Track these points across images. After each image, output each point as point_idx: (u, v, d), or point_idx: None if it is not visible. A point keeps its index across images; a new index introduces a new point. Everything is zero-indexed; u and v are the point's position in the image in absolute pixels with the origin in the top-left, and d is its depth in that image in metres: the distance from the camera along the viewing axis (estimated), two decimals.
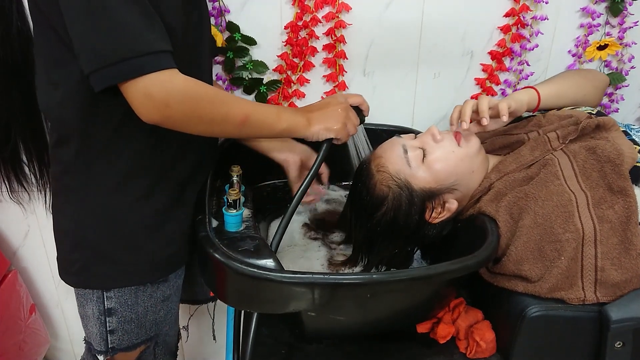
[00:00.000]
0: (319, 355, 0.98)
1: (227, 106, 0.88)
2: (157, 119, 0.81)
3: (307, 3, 1.23)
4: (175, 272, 1.03)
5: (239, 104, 0.90)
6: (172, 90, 0.80)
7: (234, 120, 0.88)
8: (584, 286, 0.89)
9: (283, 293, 0.85)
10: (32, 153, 1.31)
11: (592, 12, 1.28)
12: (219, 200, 1.00)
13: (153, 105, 0.80)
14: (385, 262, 1.06)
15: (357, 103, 1.05)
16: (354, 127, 1.01)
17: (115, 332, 1.00)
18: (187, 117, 0.83)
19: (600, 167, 0.98)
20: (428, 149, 1.01)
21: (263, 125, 0.92)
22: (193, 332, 1.64)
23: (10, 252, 1.51)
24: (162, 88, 0.79)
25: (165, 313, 1.04)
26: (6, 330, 1.40)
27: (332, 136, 0.98)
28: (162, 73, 0.79)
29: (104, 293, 0.97)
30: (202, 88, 0.85)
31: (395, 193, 1.00)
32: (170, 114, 0.81)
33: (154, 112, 0.80)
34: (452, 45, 1.31)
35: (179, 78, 0.81)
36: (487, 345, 0.95)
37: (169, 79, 0.80)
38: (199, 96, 0.84)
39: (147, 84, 0.78)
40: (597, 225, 0.92)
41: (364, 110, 1.06)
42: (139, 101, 0.80)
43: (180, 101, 0.81)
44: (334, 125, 0.97)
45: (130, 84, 0.78)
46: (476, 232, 0.97)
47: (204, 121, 0.86)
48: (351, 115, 1.01)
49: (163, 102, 0.80)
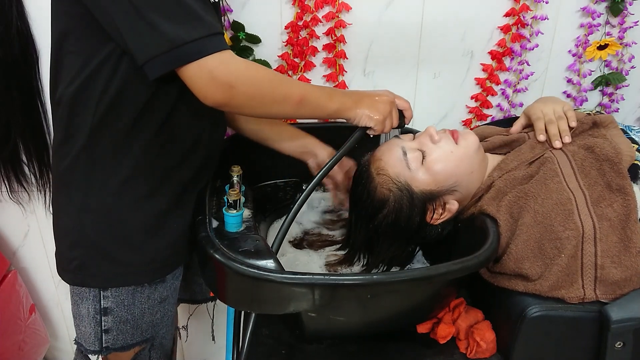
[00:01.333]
0: (319, 355, 0.98)
1: (285, 86, 0.90)
2: (221, 100, 0.83)
3: (307, 3, 1.22)
4: (173, 272, 1.02)
5: (296, 84, 0.93)
6: (235, 70, 0.82)
7: (292, 100, 0.89)
8: (583, 284, 0.90)
9: (283, 294, 0.85)
10: (32, 153, 1.31)
11: (592, 12, 1.28)
12: (219, 201, 1.00)
13: (218, 86, 0.81)
14: (386, 263, 1.06)
15: (402, 107, 1.03)
16: (390, 125, 1.01)
17: (110, 331, 0.99)
18: (250, 97, 0.85)
19: (599, 166, 0.98)
20: (427, 151, 1.01)
21: (317, 105, 0.93)
22: (193, 332, 1.64)
23: (10, 252, 1.50)
24: (226, 69, 0.81)
25: (162, 315, 1.04)
26: (6, 330, 1.40)
27: (372, 125, 0.98)
28: (223, 53, 0.81)
29: (100, 292, 0.97)
30: (261, 69, 0.88)
31: (396, 196, 1.00)
32: (234, 94, 0.83)
33: (218, 93, 0.81)
34: (452, 45, 1.31)
35: (239, 59, 0.83)
36: (487, 345, 0.95)
37: (230, 59, 0.82)
38: (260, 76, 0.86)
39: (211, 65, 0.79)
40: (596, 223, 0.92)
41: (407, 117, 1.05)
42: (203, 82, 0.80)
43: (243, 82, 0.83)
44: (376, 115, 0.97)
45: (192, 66, 0.79)
46: (477, 232, 0.97)
47: (265, 101, 0.87)
48: (394, 113, 1.01)
49: (228, 82, 0.81)
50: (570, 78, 1.37)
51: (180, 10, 0.78)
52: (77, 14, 0.83)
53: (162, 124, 0.91)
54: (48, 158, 1.33)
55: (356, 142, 1.00)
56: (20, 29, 1.18)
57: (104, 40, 0.83)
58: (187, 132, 0.95)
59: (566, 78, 1.38)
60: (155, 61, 0.78)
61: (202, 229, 0.93)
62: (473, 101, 1.39)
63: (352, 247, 1.08)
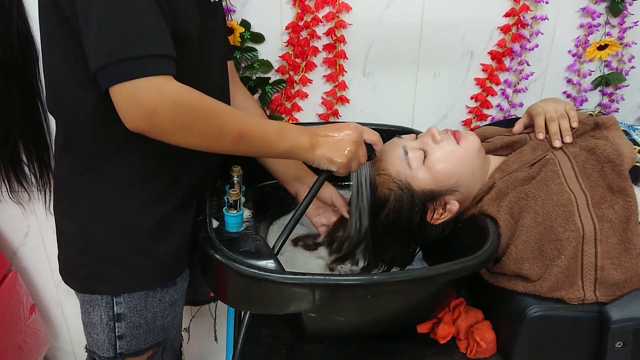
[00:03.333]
0: (320, 355, 0.98)
1: (222, 119, 0.82)
2: (141, 126, 0.76)
3: (308, 3, 1.22)
4: (181, 274, 1.02)
5: (237, 118, 0.84)
6: (164, 96, 0.75)
7: (228, 135, 0.82)
8: (583, 285, 0.90)
9: (284, 294, 0.85)
10: (32, 153, 1.31)
11: (592, 12, 1.28)
12: (220, 201, 1.00)
13: (139, 110, 0.75)
14: (386, 262, 1.06)
15: (371, 141, 0.96)
16: (357, 165, 0.94)
17: (123, 337, 0.98)
18: (177, 127, 0.78)
19: (600, 167, 0.98)
20: (428, 150, 1.01)
21: (261, 143, 0.86)
22: (194, 332, 1.64)
23: (10, 252, 1.50)
24: (152, 93, 0.74)
25: (173, 317, 1.03)
26: (6, 330, 1.40)
27: (334, 169, 0.92)
28: (156, 78, 0.74)
29: (113, 298, 0.95)
30: (197, 97, 0.79)
31: (396, 195, 1.00)
32: (158, 122, 0.76)
33: (139, 118, 0.75)
34: (452, 45, 1.31)
35: (173, 84, 0.76)
36: (487, 345, 0.96)
37: (163, 84, 0.75)
38: (191, 106, 0.78)
39: (137, 88, 0.73)
40: (597, 225, 0.92)
41: (377, 150, 0.97)
42: (123, 104, 0.75)
43: (170, 109, 0.75)
44: (338, 158, 0.90)
45: (119, 85, 0.73)
46: (477, 233, 0.97)
47: (194, 133, 0.80)
48: (360, 152, 0.93)
49: (151, 108, 0.74)
50: (570, 78, 1.37)
51: (128, 24, 0.73)
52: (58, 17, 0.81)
53: None
54: (48, 158, 1.33)
55: (320, 185, 0.96)
56: (20, 29, 1.18)
57: None
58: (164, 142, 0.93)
59: (566, 78, 1.38)
60: (100, 74, 0.74)
61: (203, 229, 0.93)
62: (473, 101, 1.39)
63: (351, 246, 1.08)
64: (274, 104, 1.34)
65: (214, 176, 1.04)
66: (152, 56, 0.74)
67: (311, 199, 0.97)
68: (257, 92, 1.32)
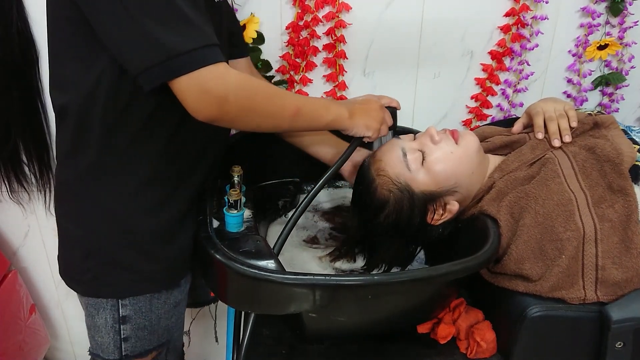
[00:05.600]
0: (320, 355, 0.98)
1: (281, 99, 0.87)
2: (215, 115, 0.78)
3: (308, 3, 1.22)
4: (185, 276, 1.02)
5: (290, 96, 0.91)
6: (229, 83, 0.78)
7: (287, 113, 0.86)
8: (584, 285, 0.90)
9: (284, 294, 0.85)
10: (32, 153, 1.31)
11: (592, 12, 1.28)
12: (220, 201, 1.00)
13: (211, 100, 0.77)
14: (387, 263, 1.06)
15: (388, 103, 1.05)
16: (387, 128, 1.02)
17: (129, 339, 0.98)
18: (245, 111, 0.82)
19: (600, 167, 0.98)
20: (427, 151, 1.01)
21: (313, 117, 0.91)
22: (193, 333, 1.64)
23: (10, 252, 1.50)
24: (220, 82, 0.77)
25: (176, 319, 1.04)
26: (6, 330, 1.40)
27: (369, 134, 0.99)
28: (218, 66, 0.76)
29: (118, 301, 0.95)
30: (256, 81, 0.84)
31: (396, 197, 1.00)
32: (229, 108, 0.79)
33: (211, 107, 0.77)
34: (452, 45, 1.31)
35: (233, 71, 0.79)
36: (487, 345, 0.96)
37: (224, 72, 0.77)
38: (255, 89, 0.82)
39: (204, 78, 0.75)
40: (597, 224, 0.92)
41: (395, 106, 1.07)
42: (194, 96, 0.76)
43: (238, 95, 0.79)
44: (372, 123, 0.98)
45: (184, 79, 0.75)
46: (477, 233, 0.97)
47: (261, 115, 0.84)
48: (387, 117, 1.02)
49: (221, 96, 0.77)
50: (570, 78, 1.37)
51: (176, 19, 0.74)
52: (75, 20, 0.80)
53: (174, 132, 0.89)
54: (48, 158, 1.32)
55: (353, 150, 1.01)
56: (20, 29, 1.18)
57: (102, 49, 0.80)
58: (197, 137, 0.93)
59: (566, 78, 1.38)
60: (149, 72, 0.75)
61: (203, 229, 0.93)
62: (473, 101, 1.39)
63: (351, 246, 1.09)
64: None
65: (214, 176, 1.04)
66: (208, 46, 0.76)
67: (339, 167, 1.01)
68: None
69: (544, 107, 1.08)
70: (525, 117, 1.13)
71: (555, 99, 1.13)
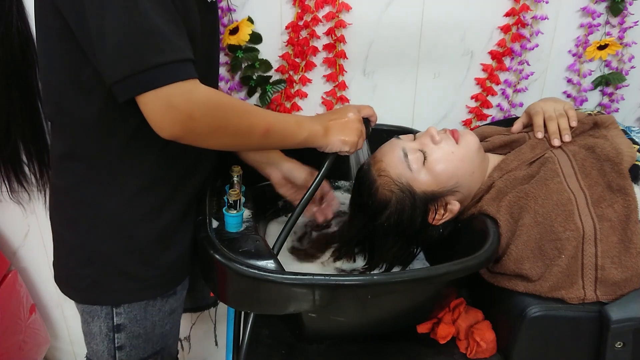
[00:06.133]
0: (320, 355, 0.98)
1: (250, 116, 0.84)
2: (177, 132, 0.76)
3: (308, 3, 1.22)
4: (182, 283, 1.01)
5: (261, 114, 0.86)
6: (196, 100, 0.75)
7: (257, 131, 0.84)
8: (584, 285, 0.90)
9: (284, 294, 0.85)
10: (32, 153, 1.31)
11: (592, 12, 1.28)
12: (220, 201, 1.00)
13: (175, 116, 0.74)
14: (388, 262, 1.06)
15: (367, 114, 1.02)
16: (362, 141, 0.99)
17: (123, 348, 0.98)
18: (212, 129, 0.79)
19: (600, 166, 0.98)
20: (428, 151, 1.01)
21: (285, 135, 0.89)
22: (195, 337, 1.64)
23: (10, 252, 1.50)
24: (186, 98, 0.74)
25: (171, 326, 1.03)
26: (6, 330, 1.40)
27: (346, 149, 0.95)
28: (187, 82, 0.74)
29: (113, 309, 0.94)
30: (226, 98, 0.81)
31: (398, 197, 0.99)
32: (194, 126, 0.76)
33: (175, 124, 0.75)
34: (452, 45, 1.31)
35: (202, 87, 0.77)
36: (487, 345, 0.96)
37: (192, 88, 0.75)
38: (222, 106, 0.79)
39: (170, 94, 0.73)
40: (597, 224, 0.92)
41: (372, 122, 1.04)
42: (159, 112, 0.74)
43: (205, 112, 0.76)
44: (349, 137, 0.95)
45: (149, 94, 0.73)
46: (477, 233, 0.97)
47: (229, 133, 0.81)
48: (363, 129, 0.99)
49: (187, 113, 0.74)
50: (570, 78, 1.37)
51: (147, 32, 0.71)
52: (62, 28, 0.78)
53: None
54: (48, 158, 1.32)
55: (330, 167, 0.98)
56: (20, 29, 1.18)
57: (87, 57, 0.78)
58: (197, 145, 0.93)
59: (566, 78, 1.38)
60: (119, 85, 0.73)
61: (203, 229, 0.93)
62: (473, 101, 1.39)
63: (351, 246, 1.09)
64: (273, 104, 1.34)
65: (213, 177, 1.04)
66: (178, 61, 0.74)
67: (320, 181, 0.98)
68: (257, 92, 1.32)
69: (544, 107, 1.08)
70: (525, 116, 1.13)
71: (555, 99, 1.13)
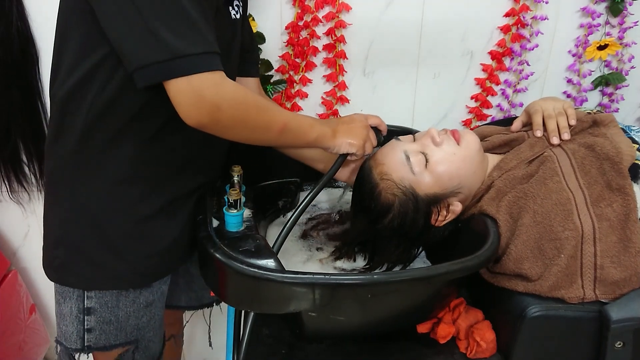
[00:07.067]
0: (320, 355, 0.98)
1: (270, 113, 0.87)
2: (205, 122, 0.79)
3: (308, 3, 1.23)
4: (160, 279, 1.02)
5: (279, 112, 0.90)
6: (224, 93, 0.79)
7: (275, 127, 0.88)
8: (583, 284, 0.90)
9: (284, 293, 0.85)
10: (32, 153, 1.32)
11: (592, 12, 1.28)
12: (220, 200, 1.00)
13: (204, 106, 0.77)
14: (389, 264, 1.06)
15: (375, 124, 1.06)
16: (371, 146, 1.03)
17: (92, 331, 0.98)
18: (235, 121, 0.83)
19: (599, 165, 0.98)
20: (429, 153, 1.00)
21: (298, 133, 0.92)
22: (193, 333, 1.64)
23: (10, 252, 1.50)
24: (215, 90, 0.78)
25: (148, 319, 1.03)
26: (6, 330, 1.40)
27: (353, 151, 0.99)
28: (215, 74, 0.78)
29: (84, 292, 0.96)
30: (249, 93, 0.85)
31: (401, 200, 0.99)
32: (220, 117, 0.80)
33: (204, 113, 0.78)
34: (452, 45, 1.32)
35: (229, 81, 0.80)
36: (487, 345, 0.95)
37: (221, 81, 0.79)
38: (247, 101, 0.83)
39: (201, 84, 0.76)
40: (596, 223, 0.92)
41: (382, 130, 1.07)
42: (189, 101, 0.77)
43: (231, 105, 0.80)
44: (355, 140, 0.99)
45: (181, 81, 0.76)
46: (477, 233, 0.97)
47: (249, 127, 0.85)
48: (371, 135, 1.03)
49: (215, 104, 0.78)
50: (570, 78, 1.37)
51: (182, 22, 0.75)
52: (79, 10, 0.81)
53: (156, 133, 0.90)
54: None
55: (337, 168, 1.02)
56: (20, 29, 1.19)
57: (101, 41, 0.81)
58: (184, 143, 0.93)
59: (566, 78, 1.38)
60: (147, 69, 0.75)
61: (203, 228, 0.93)
62: (473, 101, 1.39)
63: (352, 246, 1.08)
64: None
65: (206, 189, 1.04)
66: (210, 53, 0.77)
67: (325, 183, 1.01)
68: None
69: (543, 106, 1.08)
70: (524, 115, 1.13)
71: (555, 98, 1.13)
